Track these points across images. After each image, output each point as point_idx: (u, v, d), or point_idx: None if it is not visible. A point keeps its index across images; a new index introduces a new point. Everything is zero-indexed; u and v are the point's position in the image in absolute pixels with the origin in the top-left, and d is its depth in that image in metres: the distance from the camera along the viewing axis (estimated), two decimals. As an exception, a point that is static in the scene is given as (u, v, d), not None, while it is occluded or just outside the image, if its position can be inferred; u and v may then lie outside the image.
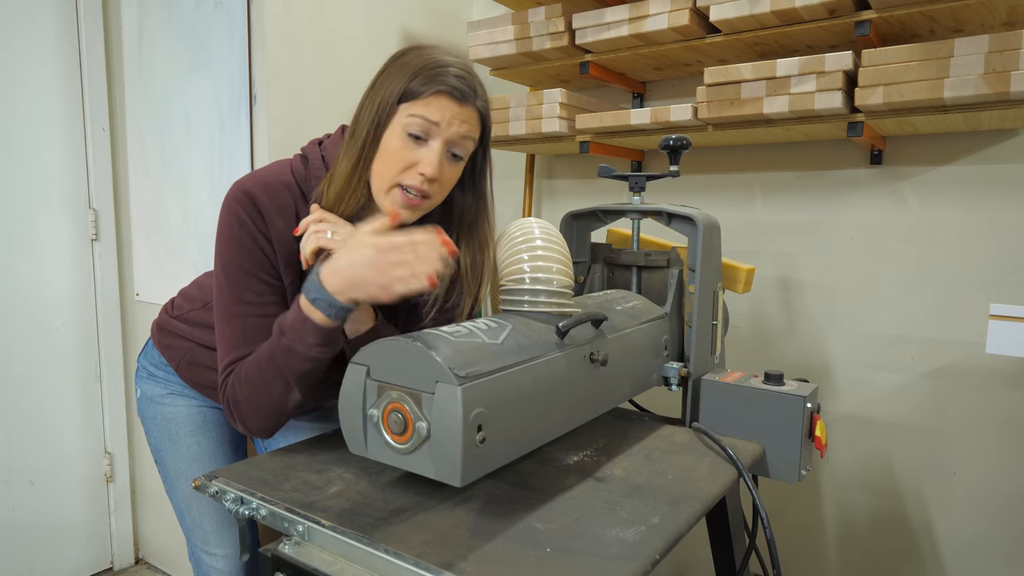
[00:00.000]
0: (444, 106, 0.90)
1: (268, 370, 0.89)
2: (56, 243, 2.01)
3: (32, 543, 2.01)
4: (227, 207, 0.95)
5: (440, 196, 0.97)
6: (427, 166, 0.90)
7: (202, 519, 1.17)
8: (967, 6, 1.25)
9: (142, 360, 1.23)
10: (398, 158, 0.91)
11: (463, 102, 0.92)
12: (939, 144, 1.52)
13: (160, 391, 1.19)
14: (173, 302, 1.20)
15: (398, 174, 0.92)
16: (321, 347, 0.87)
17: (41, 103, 1.95)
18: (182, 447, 1.17)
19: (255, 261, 0.94)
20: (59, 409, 2.05)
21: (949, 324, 1.53)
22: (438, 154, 0.91)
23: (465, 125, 0.93)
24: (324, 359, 0.89)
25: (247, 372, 0.91)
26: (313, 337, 0.86)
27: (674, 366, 1.13)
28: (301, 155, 1.02)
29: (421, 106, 0.90)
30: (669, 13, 1.50)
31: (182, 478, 1.17)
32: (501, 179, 2.23)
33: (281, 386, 0.90)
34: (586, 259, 1.31)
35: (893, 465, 1.62)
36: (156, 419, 1.19)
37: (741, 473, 0.96)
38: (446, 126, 0.91)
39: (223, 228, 0.95)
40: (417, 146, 0.91)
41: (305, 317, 0.86)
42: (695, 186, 1.86)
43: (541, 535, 0.75)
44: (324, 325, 0.86)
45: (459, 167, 0.97)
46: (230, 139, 1.74)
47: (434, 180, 0.92)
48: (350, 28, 1.83)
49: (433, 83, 0.90)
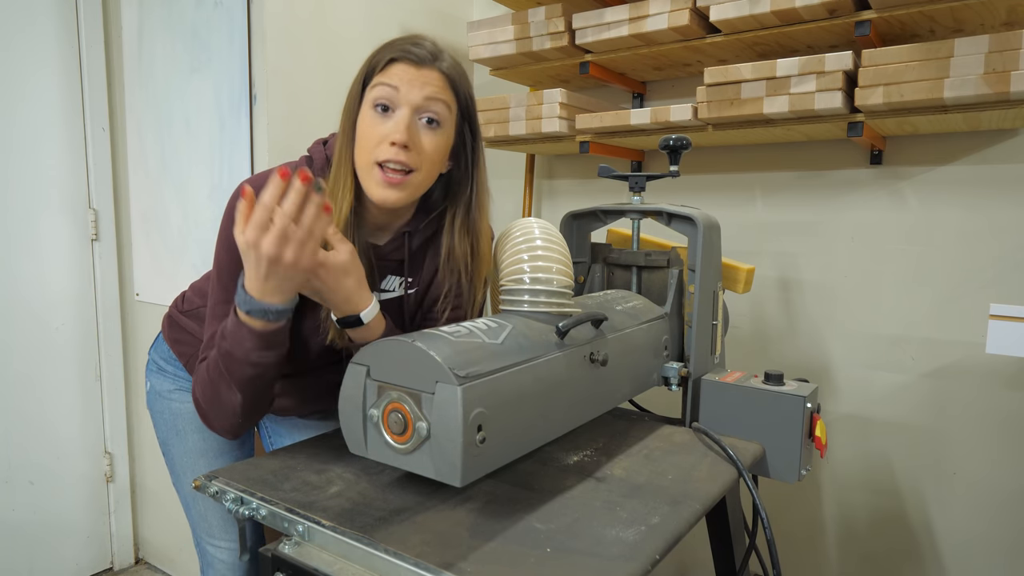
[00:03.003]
0: (402, 71, 0.91)
1: (215, 374, 0.90)
2: (56, 243, 2.01)
3: (32, 543, 2.01)
4: (230, 205, 0.96)
5: (427, 169, 0.94)
6: (395, 133, 0.90)
7: (207, 513, 1.18)
8: (967, 6, 1.25)
9: (152, 353, 1.24)
10: (370, 135, 0.92)
11: (421, 65, 0.91)
12: (939, 144, 1.52)
13: (169, 386, 1.20)
14: (184, 296, 1.19)
15: (372, 150, 0.91)
16: (260, 351, 0.86)
17: (41, 103, 1.95)
18: (189, 442, 1.18)
19: None
20: (59, 409, 2.05)
21: (949, 324, 1.53)
22: (405, 119, 0.90)
23: (428, 87, 0.91)
24: (267, 363, 0.88)
25: (201, 374, 0.93)
26: (250, 342, 0.85)
27: (674, 366, 1.13)
28: (307, 156, 1.02)
29: (380, 77, 0.92)
30: (669, 13, 1.50)
31: (188, 472, 1.18)
32: (501, 179, 2.23)
33: (226, 390, 0.90)
34: (586, 259, 1.30)
35: (893, 465, 1.62)
36: (164, 414, 1.20)
37: (741, 473, 0.96)
38: (407, 89, 0.90)
39: (223, 226, 0.96)
40: (385, 118, 0.91)
41: (240, 323, 0.85)
42: (695, 186, 1.86)
43: (541, 535, 0.75)
44: (260, 329, 0.84)
45: (440, 135, 0.94)
46: (230, 139, 1.74)
47: (407, 147, 0.90)
48: (350, 28, 1.83)
49: (388, 51, 0.92)
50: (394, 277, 1.05)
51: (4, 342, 1.92)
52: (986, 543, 1.52)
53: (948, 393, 1.54)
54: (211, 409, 0.93)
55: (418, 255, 1.05)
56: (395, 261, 1.03)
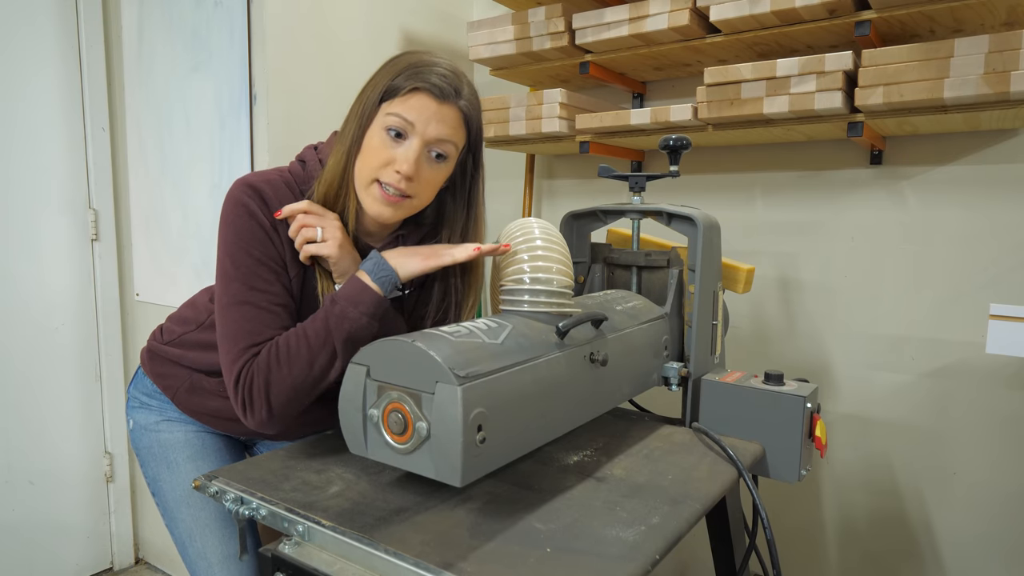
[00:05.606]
0: (422, 104, 0.91)
1: (315, 341, 0.90)
2: (56, 243, 2.01)
3: (32, 543, 2.01)
4: (233, 199, 0.95)
5: (423, 197, 0.97)
6: (403, 163, 0.91)
7: (206, 550, 1.10)
8: (967, 6, 1.25)
9: (132, 390, 1.19)
10: (377, 155, 0.92)
11: (443, 101, 0.92)
12: (939, 144, 1.52)
13: (155, 418, 1.15)
14: (162, 328, 1.16)
15: (377, 170, 0.93)
16: (371, 317, 0.91)
17: (41, 103, 1.95)
18: (181, 473, 1.12)
19: (265, 249, 0.94)
20: (59, 409, 2.05)
21: (949, 324, 1.53)
22: (415, 152, 0.91)
23: (443, 126, 0.92)
24: (370, 332, 0.91)
25: (283, 348, 0.90)
26: (367, 306, 0.90)
27: (674, 366, 1.13)
28: (298, 160, 1.03)
29: (399, 104, 0.91)
30: (669, 13, 1.50)
31: (183, 506, 1.11)
32: (501, 179, 2.23)
33: (326, 357, 0.90)
34: (586, 259, 1.30)
35: (893, 465, 1.62)
36: (152, 447, 1.14)
37: (741, 473, 0.96)
38: (423, 125, 0.91)
39: (230, 218, 0.94)
40: (396, 144, 0.92)
41: (364, 285, 0.91)
42: (695, 186, 1.86)
43: (541, 535, 0.75)
44: (379, 295, 0.91)
45: (443, 169, 0.97)
46: (230, 139, 1.74)
47: (411, 179, 0.92)
48: (350, 28, 1.83)
49: (413, 80, 0.91)
50: None
51: (4, 342, 1.92)
52: (986, 543, 1.52)
53: (948, 393, 1.54)
54: (286, 386, 0.90)
55: None
56: None
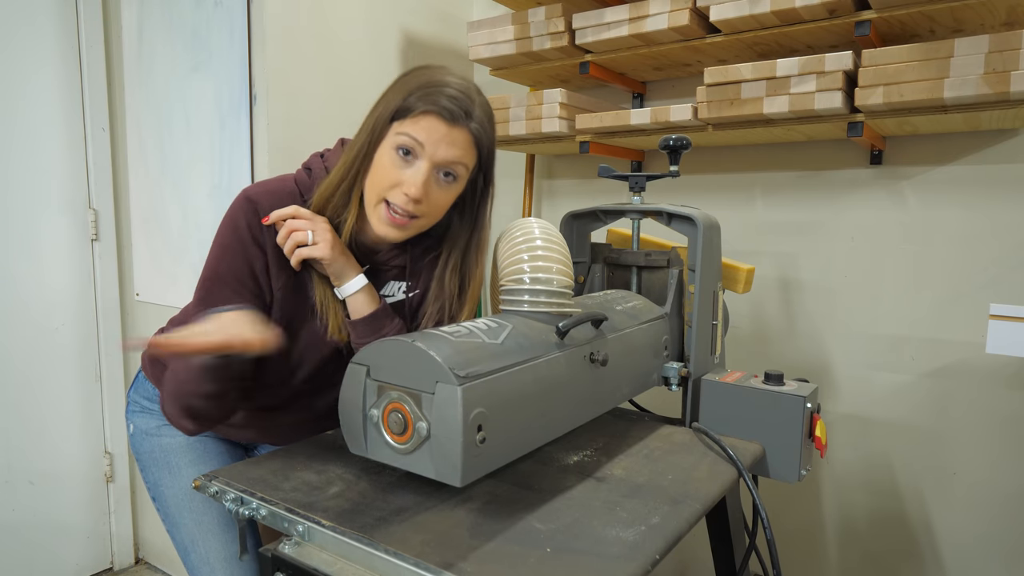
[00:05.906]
0: (432, 126, 0.90)
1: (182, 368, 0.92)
2: (56, 243, 2.01)
3: (32, 543, 2.01)
4: (228, 213, 0.96)
5: (431, 217, 0.97)
6: (411, 186, 0.91)
7: (209, 555, 1.10)
8: (967, 6, 1.25)
9: (133, 395, 1.19)
10: (386, 175, 0.92)
11: (453, 123, 0.91)
12: (939, 144, 1.52)
13: (156, 422, 1.15)
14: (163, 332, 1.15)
15: (385, 190, 0.93)
16: None
17: (41, 103, 1.95)
18: (182, 477, 1.12)
19: (232, 270, 0.95)
20: (59, 409, 2.05)
21: (949, 324, 1.53)
22: (424, 175, 0.91)
23: (453, 148, 0.92)
24: None
25: None
26: None
27: (674, 366, 1.13)
28: (304, 168, 1.03)
29: (410, 124, 0.91)
30: (669, 13, 1.50)
31: (184, 511, 1.11)
32: (501, 179, 2.23)
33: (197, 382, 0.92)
34: (586, 259, 1.30)
35: (893, 465, 1.62)
36: (153, 452, 1.14)
37: (741, 473, 0.96)
38: (432, 147, 0.90)
39: (218, 234, 0.96)
40: (405, 165, 0.92)
41: None
42: (695, 186, 1.86)
43: (541, 535, 0.75)
44: None
45: (453, 189, 0.96)
46: (230, 139, 1.74)
47: (419, 201, 0.92)
48: (350, 28, 1.83)
49: (424, 102, 0.90)
50: (394, 282, 1.06)
51: (4, 342, 1.92)
52: (986, 543, 1.52)
53: (948, 393, 1.54)
54: None
55: (419, 259, 1.06)
56: (395, 267, 1.05)
